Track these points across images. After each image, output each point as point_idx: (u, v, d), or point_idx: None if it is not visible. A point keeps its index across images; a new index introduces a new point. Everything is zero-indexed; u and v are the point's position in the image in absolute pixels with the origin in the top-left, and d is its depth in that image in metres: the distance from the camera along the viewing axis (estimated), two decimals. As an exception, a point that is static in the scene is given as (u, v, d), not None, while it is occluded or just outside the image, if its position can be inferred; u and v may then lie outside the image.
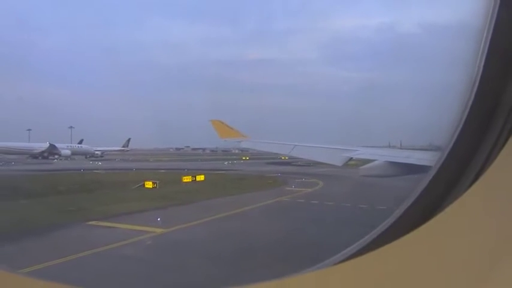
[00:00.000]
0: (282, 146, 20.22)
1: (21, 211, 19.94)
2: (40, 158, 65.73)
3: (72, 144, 73.34)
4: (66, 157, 68.26)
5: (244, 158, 77.29)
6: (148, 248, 14.19)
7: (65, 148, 69.77)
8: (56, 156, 67.29)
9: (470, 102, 1.99)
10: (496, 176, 1.78)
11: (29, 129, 75.98)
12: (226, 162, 62.44)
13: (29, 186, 30.06)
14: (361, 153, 16.78)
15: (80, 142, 78.55)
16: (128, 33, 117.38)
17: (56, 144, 68.45)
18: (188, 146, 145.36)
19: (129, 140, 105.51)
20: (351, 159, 16.69)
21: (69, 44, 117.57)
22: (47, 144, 67.09)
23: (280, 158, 56.20)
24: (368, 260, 1.73)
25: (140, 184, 31.45)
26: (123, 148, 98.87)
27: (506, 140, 1.84)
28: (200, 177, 34.11)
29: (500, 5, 1.85)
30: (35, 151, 67.29)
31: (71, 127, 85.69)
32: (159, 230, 16.12)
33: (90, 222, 17.72)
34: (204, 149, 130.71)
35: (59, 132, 77.00)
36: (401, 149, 25.89)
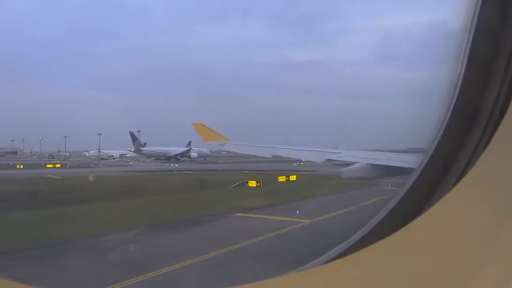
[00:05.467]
0: (263, 148, 20.83)
1: (173, 205, 23.55)
2: (173, 160, 73.77)
3: (196, 148, 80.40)
4: (194, 159, 76.32)
5: (304, 160, 79.10)
6: (311, 233, 16.69)
7: (193, 151, 77.28)
8: (186, 158, 76.12)
9: (452, 104, 2.01)
10: (478, 177, 1.79)
11: (100, 134, 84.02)
12: (295, 164, 64.62)
13: (148, 185, 33.91)
14: (343, 155, 17.37)
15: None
16: (171, 38, 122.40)
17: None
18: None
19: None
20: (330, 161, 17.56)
21: (116, 49, 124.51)
22: (180, 148, 75.91)
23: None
24: (351, 261, 1.75)
25: (237, 183, 34.48)
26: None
27: (488, 141, 1.86)
28: (293, 177, 36.81)
29: (480, 9, 1.89)
30: (170, 154, 76.62)
31: (139, 131, 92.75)
32: (305, 221, 18.69)
33: (238, 214, 20.74)
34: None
35: (125, 136, 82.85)
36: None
